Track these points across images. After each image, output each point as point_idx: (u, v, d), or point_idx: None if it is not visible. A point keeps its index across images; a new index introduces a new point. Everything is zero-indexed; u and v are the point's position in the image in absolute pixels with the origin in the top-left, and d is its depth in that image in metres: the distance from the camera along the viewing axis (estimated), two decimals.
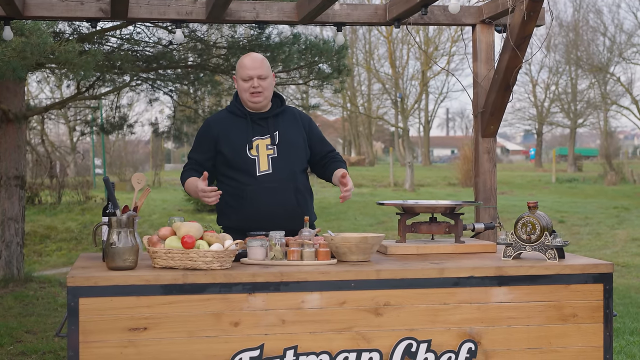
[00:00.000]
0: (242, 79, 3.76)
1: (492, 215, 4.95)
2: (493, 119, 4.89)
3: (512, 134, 65.12)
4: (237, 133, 3.78)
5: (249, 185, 3.73)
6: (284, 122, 3.85)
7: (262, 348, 2.97)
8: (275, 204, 3.69)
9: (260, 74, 3.74)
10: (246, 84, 3.75)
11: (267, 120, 3.82)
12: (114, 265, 3.01)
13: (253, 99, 3.76)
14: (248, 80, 3.74)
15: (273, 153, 3.76)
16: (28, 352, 5.41)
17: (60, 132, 28.76)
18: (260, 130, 3.79)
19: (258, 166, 3.74)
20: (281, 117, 3.86)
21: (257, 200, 3.71)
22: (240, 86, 3.78)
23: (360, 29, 30.39)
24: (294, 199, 3.77)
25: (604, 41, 32.95)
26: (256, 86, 3.73)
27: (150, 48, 8.40)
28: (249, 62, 3.75)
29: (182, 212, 15.68)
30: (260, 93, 3.75)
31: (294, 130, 3.86)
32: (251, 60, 3.76)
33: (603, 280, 3.21)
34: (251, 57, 3.78)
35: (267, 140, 3.78)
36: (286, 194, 3.75)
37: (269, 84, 3.77)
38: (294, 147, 3.83)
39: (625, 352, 5.33)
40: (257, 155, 3.75)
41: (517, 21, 4.33)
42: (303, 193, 3.83)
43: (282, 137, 3.80)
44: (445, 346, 3.09)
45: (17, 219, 8.00)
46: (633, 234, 12.51)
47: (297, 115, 3.94)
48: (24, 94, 8.41)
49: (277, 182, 3.73)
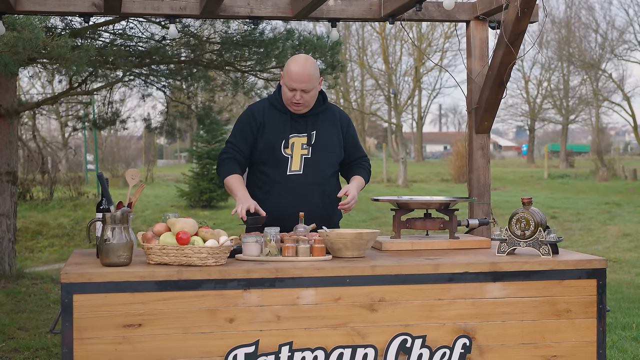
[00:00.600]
0: (287, 87, 3.68)
1: (485, 211, 4.96)
2: (487, 115, 4.89)
3: (505, 130, 65.26)
4: (274, 128, 3.74)
5: (277, 183, 3.71)
6: (322, 122, 3.81)
7: (257, 344, 2.97)
8: (300, 205, 3.62)
9: (306, 88, 3.65)
10: (290, 93, 3.68)
11: (306, 119, 3.78)
12: (108, 262, 3.00)
13: (294, 108, 3.72)
14: (292, 91, 3.67)
15: (307, 153, 3.74)
16: (20, 349, 5.39)
17: (51, 128, 28.66)
18: (298, 128, 3.75)
19: (290, 165, 3.71)
20: (321, 116, 3.81)
21: (283, 199, 3.69)
22: (284, 91, 3.71)
23: (353, 25, 30.39)
24: (319, 202, 3.75)
25: (595, 38, 33.05)
26: (298, 99, 3.67)
27: (143, 43, 8.37)
28: (298, 75, 3.63)
29: (175, 207, 15.66)
30: (301, 104, 3.70)
31: (331, 131, 3.83)
32: (300, 73, 3.63)
33: (596, 276, 3.22)
34: (301, 69, 3.63)
35: (303, 139, 3.74)
36: (313, 196, 3.73)
37: (312, 96, 3.71)
38: (328, 149, 3.80)
39: (618, 347, 5.35)
40: (291, 155, 3.72)
41: (511, 17, 4.34)
42: (330, 196, 3.79)
43: (318, 138, 3.77)
44: (440, 342, 3.10)
45: (9, 215, 7.97)
46: (624, 229, 12.57)
47: (337, 115, 3.89)
48: (15, 89, 8.37)
49: (305, 184, 3.71)
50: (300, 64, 3.65)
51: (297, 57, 3.71)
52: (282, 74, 3.76)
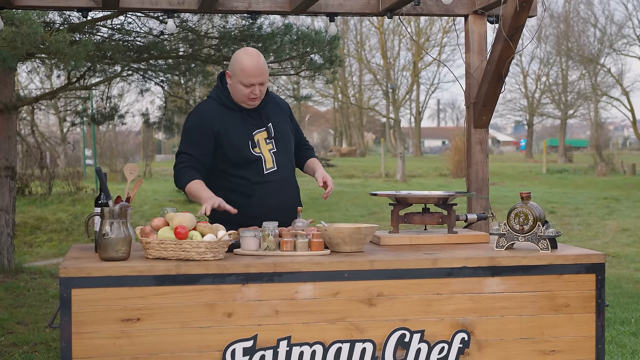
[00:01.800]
0: (243, 84, 3.58)
1: (484, 205, 4.96)
2: (485, 109, 4.89)
3: (503, 125, 65.25)
4: (235, 129, 3.66)
5: (257, 184, 3.65)
6: (273, 112, 3.78)
7: (256, 339, 2.97)
8: (281, 200, 3.63)
9: (262, 81, 3.60)
10: (246, 89, 3.59)
11: (259, 112, 3.73)
12: (106, 256, 3.00)
13: (250, 103, 3.66)
14: (249, 87, 3.59)
15: (272, 148, 3.71)
16: (19, 344, 5.39)
17: (50, 123, 28.63)
18: (256, 123, 3.71)
19: (264, 164, 3.68)
20: (269, 106, 3.78)
21: (265, 198, 3.65)
22: (237, 89, 3.61)
23: (351, 20, 30.34)
24: (295, 193, 3.77)
25: (594, 32, 33.03)
26: (257, 93, 3.61)
27: (141, 38, 8.36)
28: (252, 70, 3.55)
29: (173, 202, 15.65)
30: (258, 98, 3.65)
31: (283, 120, 3.81)
32: (255, 67, 3.55)
33: (595, 271, 3.22)
34: (254, 64, 3.56)
35: (264, 134, 3.70)
36: (289, 189, 3.74)
37: (265, 87, 3.67)
38: (287, 139, 3.79)
39: (617, 342, 5.36)
40: (261, 153, 3.67)
41: (510, 12, 4.33)
42: (297, 186, 3.83)
43: (277, 130, 3.74)
44: (438, 336, 3.10)
45: (8, 210, 7.97)
46: (623, 224, 12.58)
47: (279, 103, 3.86)
48: (14, 84, 8.36)
49: (282, 179, 3.70)
50: (254, 59, 3.57)
51: (248, 52, 3.61)
52: (229, 72, 3.65)
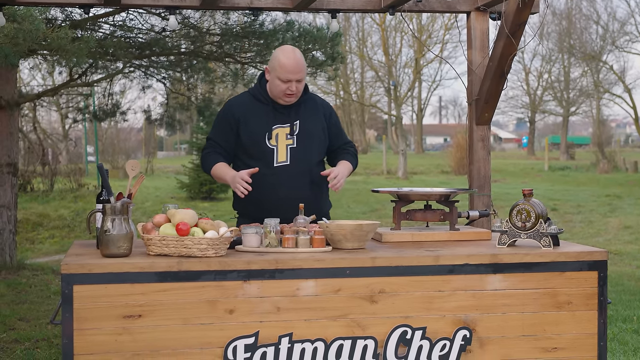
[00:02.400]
0: (280, 80, 3.63)
1: (486, 202, 4.95)
2: (487, 106, 4.88)
3: (505, 122, 65.20)
4: (257, 120, 3.72)
5: (266, 176, 3.67)
6: (305, 111, 3.79)
7: (257, 335, 2.97)
8: (291, 196, 3.62)
9: (300, 78, 3.65)
10: (283, 85, 3.64)
11: (289, 109, 3.76)
12: (108, 253, 3.00)
13: (286, 99, 3.70)
14: (286, 82, 3.64)
15: (292, 143, 3.72)
16: (21, 340, 5.40)
17: (52, 120, 28.65)
18: (281, 118, 3.73)
19: (276, 156, 3.69)
20: (303, 105, 3.80)
21: (273, 191, 3.67)
22: (275, 84, 3.67)
23: (353, 17, 30.32)
24: (309, 191, 3.74)
25: (597, 29, 32.98)
26: (293, 90, 3.65)
27: (143, 35, 8.35)
28: (293, 67, 3.61)
29: (175, 199, 15.67)
30: (295, 94, 3.69)
31: (315, 119, 3.81)
32: (295, 64, 3.61)
33: (597, 268, 3.21)
34: (294, 61, 3.62)
35: (286, 129, 3.72)
36: (302, 186, 3.72)
37: (303, 85, 3.71)
38: (313, 137, 3.78)
39: (619, 339, 5.35)
40: (276, 145, 3.70)
41: (512, 8, 4.32)
42: (319, 185, 3.79)
43: (302, 127, 3.75)
44: (440, 333, 3.10)
45: (10, 207, 7.97)
46: (625, 221, 12.57)
47: (319, 103, 3.89)
48: (16, 80, 8.36)
49: (294, 174, 3.70)
50: (292, 55, 3.64)
51: (286, 49, 3.68)
52: (268, 68, 3.71)
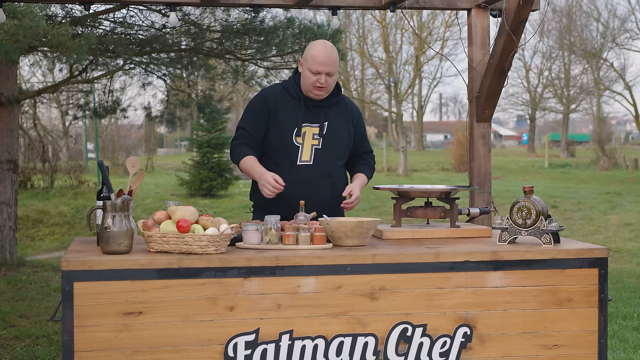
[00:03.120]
0: (311, 71, 3.64)
1: (486, 199, 4.95)
2: (488, 103, 4.88)
3: (505, 120, 65.21)
4: (287, 115, 3.72)
5: (287, 173, 3.66)
6: (335, 113, 3.79)
7: (258, 332, 2.97)
8: (310, 196, 3.60)
9: (330, 71, 3.65)
10: (313, 77, 3.65)
11: (320, 109, 3.75)
12: (108, 250, 3.00)
13: (316, 92, 3.69)
14: (316, 74, 3.64)
15: (317, 144, 3.72)
16: (21, 337, 5.40)
17: (52, 116, 28.65)
18: (311, 117, 3.73)
19: (300, 155, 3.69)
20: (334, 107, 3.80)
21: (293, 189, 3.64)
22: (305, 76, 3.67)
23: (353, 14, 30.27)
24: (328, 194, 3.73)
25: (597, 26, 32.95)
26: (323, 82, 3.65)
27: (143, 32, 8.35)
28: (324, 58, 3.61)
29: (175, 196, 15.66)
30: (325, 88, 3.69)
31: (343, 123, 3.81)
32: (326, 56, 3.62)
33: (598, 265, 3.21)
34: (326, 53, 3.63)
35: (315, 129, 3.72)
36: (322, 187, 3.72)
37: (334, 80, 3.71)
38: (339, 141, 3.77)
39: (619, 337, 5.36)
40: (302, 144, 3.70)
41: (513, 5, 4.32)
42: (339, 188, 3.77)
43: (330, 129, 3.75)
44: (440, 330, 3.10)
45: (10, 203, 7.98)
46: (625, 219, 12.57)
47: (349, 107, 3.88)
48: (16, 77, 8.35)
49: (315, 175, 3.69)
50: (324, 48, 3.66)
51: (320, 42, 3.71)
52: (301, 60, 3.73)
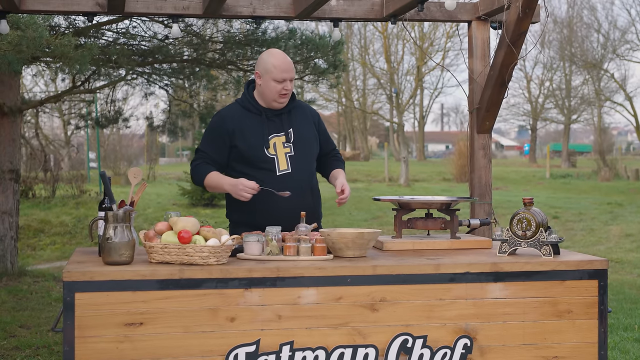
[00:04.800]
0: (275, 80, 3.68)
1: (487, 211, 4.96)
2: (488, 115, 4.89)
3: (507, 130, 65.23)
4: (252, 131, 3.73)
5: (269, 184, 3.67)
6: (296, 119, 3.83)
7: (258, 343, 2.98)
8: (294, 204, 3.62)
9: (292, 77, 3.71)
10: (279, 85, 3.68)
11: (281, 117, 3.78)
12: (110, 260, 3.01)
13: (281, 100, 3.73)
14: (281, 82, 3.68)
15: (290, 151, 3.75)
16: (22, 347, 5.40)
17: (54, 126, 28.70)
18: (275, 127, 3.76)
19: (278, 165, 3.71)
20: (294, 112, 3.84)
21: (275, 200, 3.65)
22: (270, 86, 3.70)
23: (355, 24, 30.37)
24: (310, 199, 3.77)
25: (597, 38, 32.99)
26: (288, 89, 3.70)
27: (146, 42, 8.39)
28: (285, 65, 3.68)
29: (177, 206, 15.66)
30: (287, 95, 3.73)
31: (307, 127, 3.85)
32: (287, 62, 3.69)
33: (598, 277, 3.22)
34: (284, 60, 3.69)
35: (282, 138, 3.75)
36: (304, 193, 3.74)
37: (293, 85, 3.77)
38: (308, 145, 3.82)
39: (619, 348, 5.35)
40: (275, 154, 3.72)
41: (513, 18, 4.34)
42: (316, 192, 3.83)
43: (297, 135, 3.78)
44: (441, 342, 3.11)
45: (11, 213, 7.99)
46: (626, 229, 12.55)
47: (307, 110, 3.92)
48: (19, 87, 8.38)
49: (296, 182, 3.71)
50: (282, 55, 3.72)
51: (274, 51, 3.75)
52: (258, 72, 3.73)
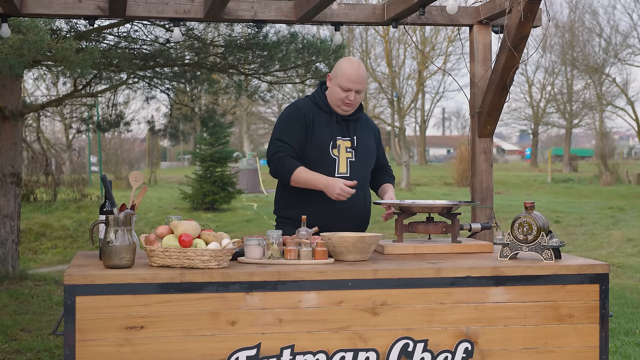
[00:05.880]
0: (341, 88, 3.70)
1: (488, 215, 4.96)
2: (490, 119, 4.89)
3: (508, 134, 65.21)
4: (322, 128, 3.77)
5: None
6: (361, 128, 3.88)
7: (259, 347, 2.97)
8: (347, 207, 3.66)
9: (359, 89, 3.72)
10: (343, 93, 3.71)
11: (348, 123, 3.83)
12: (111, 264, 3.01)
13: (344, 108, 3.76)
14: (346, 91, 3.70)
15: (351, 157, 3.79)
16: (23, 350, 5.40)
17: (56, 130, 28.74)
18: (342, 131, 3.80)
19: (337, 167, 3.75)
20: (359, 122, 3.88)
21: (329, 200, 3.67)
22: (334, 91, 3.73)
23: (356, 28, 30.38)
24: (362, 205, 3.82)
25: (599, 42, 33.03)
26: (352, 99, 3.72)
27: (147, 46, 8.39)
28: (355, 76, 3.68)
29: (178, 210, 15.67)
30: (352, 105, 3.76)
31: (369, 137, 3.90)
32: (356, 74, 3.69)
33: (599, 281, 3.21)
34: (357, 71, 3.69)
35: (347, 143, 3.79)
36: (357, 199, 3.77)
37: (361, 97, 3.78)
38: (369, 154, 3.87)
39: (621, 353, 5.34)
40: (338, 156, 3.76)
41: (514, 22, 4.34)
42: (369, 200, 3.89)
43: (360, 143, 3.83)
44: (442, 346, 3.10)
45: (13, 217, 7.99)
46: (628, 234, 12.54)
47: (370, 124, 3.98)
48: (20, 91, 8.39)
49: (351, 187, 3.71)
50: (356, 66, 3.72)
51: (352, 59, 3.77)
52: (330, 75, 3.79)
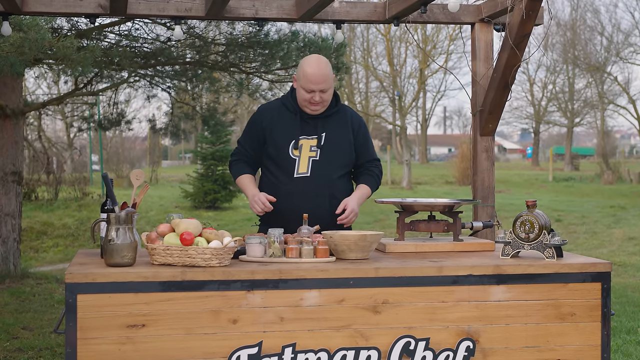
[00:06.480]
0: (304, 89, 3.64)
1: (490, 213, 4.95)
2: (491, 117, 4.89)
3: (510, 133, 65.17)
4: (284, 129, 3.73)
5: (285, 185, 3.69)
6: (333, 124, 3.77)
7: (261, 345, 2.97)
8: (309, 208, 3.58)
9: (324, 88, 3.64)
10: (307, 95, 3.65)
11: (317, 121, 3.75)
12: (112, 262, 3.01)
13: (312, 108, 3.70)
14: (310, 92, 3.64)
15: (315, 156, 3.71)
16: (24, 349, 5.40)
17: (57, 128, 28.76)
18: (308, 130, 3.73)
19: (297, 167, 3.69)
20: (333, 117, 3.78)
21: (290, 201, 3.66)
22: (300, 93, 3.68)
23: (358, 27, 30.37)
24: (327, 205, 3.71)
25: (601, 40, 32.99)
26: (317, 100, 3.66)
27: (148, 44, 8.39)
28: (316, 77, 3.60)
29: (179, 208, 15.68)
30: (320, 104, 3.69)
31: (342, 133, 3.78)
32: (319, 74, 3.60)
33: (601, 279, 3.21)
34: (319, 71, 3.61)
35: (312, 141, 3.71)
36: (320, 199, 3.70)
37: (330, 94, 3.69)
38: (337, 151, 3.75)
39: (622, 351, 5.34)
40: (299, 156, 3.69)
41: (516, 20, 4.34)
42: (339, 199, 3.73)
43: (328, 140, 3.73)
44: (443, 344, 3.10)
45: (14, 215, 7.99)
46: (629, 233, 12.54)
47: (349, 116, 3.84)
48: (21, 89, 8.39)
49: (312, 187, 3.68)
50: (315, 65, 3.63)
51: (311, 58, 3.68)
52: (295, 77, 3.73)
